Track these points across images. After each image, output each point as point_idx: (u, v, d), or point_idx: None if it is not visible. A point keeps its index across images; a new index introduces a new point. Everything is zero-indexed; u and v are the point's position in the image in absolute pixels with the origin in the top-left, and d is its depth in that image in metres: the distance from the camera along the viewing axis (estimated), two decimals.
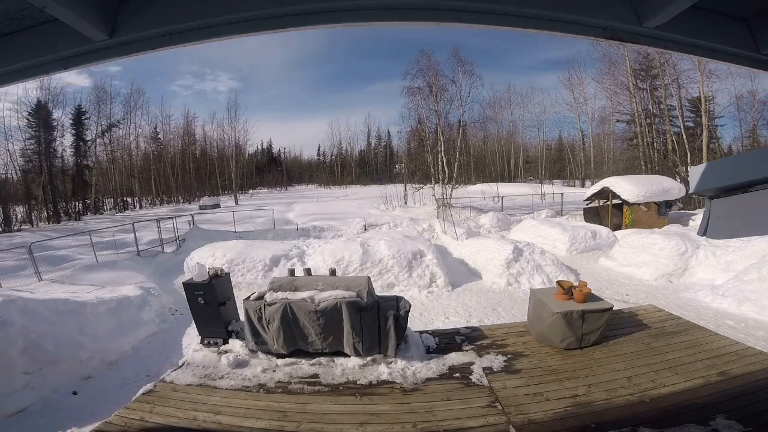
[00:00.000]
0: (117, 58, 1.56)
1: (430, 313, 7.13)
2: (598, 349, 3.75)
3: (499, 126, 49.91)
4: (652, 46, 1.66)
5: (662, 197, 14.79)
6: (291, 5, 1.45)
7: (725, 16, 1.66)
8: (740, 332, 5.42)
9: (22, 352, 4.65)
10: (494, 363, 3.60)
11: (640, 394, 2.98)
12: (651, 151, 26.21)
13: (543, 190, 26.40)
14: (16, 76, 1.60)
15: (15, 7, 1.37)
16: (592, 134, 39.59)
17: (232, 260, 9.19)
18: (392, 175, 50.72)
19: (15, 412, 4.21)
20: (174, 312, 7.46)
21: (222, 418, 2.94)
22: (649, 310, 4.81)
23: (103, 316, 6.11)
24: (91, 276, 8.68)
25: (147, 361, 5.58)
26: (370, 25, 1.61)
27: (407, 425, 2.78)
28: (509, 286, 8.40)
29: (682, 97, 25.46)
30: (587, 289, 3.98)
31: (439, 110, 23.38)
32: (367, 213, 21.74)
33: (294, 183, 69.57)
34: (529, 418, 2.77)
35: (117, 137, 38.89)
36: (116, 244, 12.62)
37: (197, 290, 4.08)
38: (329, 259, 9.02)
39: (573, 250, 11.57)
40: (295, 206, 29.05)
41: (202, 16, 1.46)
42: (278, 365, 3.68)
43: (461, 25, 1.59)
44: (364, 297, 3.60)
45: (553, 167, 44.52)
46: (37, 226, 26.13)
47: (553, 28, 1.57)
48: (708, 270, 8.21)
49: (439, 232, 15.23)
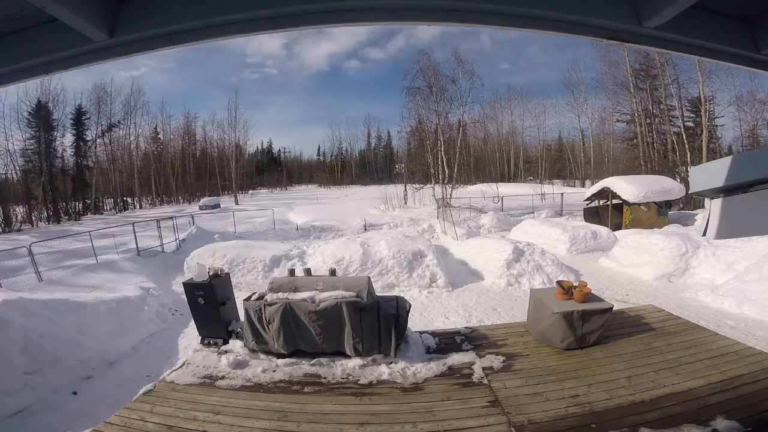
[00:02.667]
0: (117, 58, 1.55)
1: (431, 313, 7.13)
2: (598, 349, 3.74)
3: (499, 126, 50.01)
4: (652, 46, 1.66)
5: (662, 197, 14.80)
6: (291, 5, 1.45)
7: (725, 16, 1.66)
8: (740, 332, 5.42)
9: (22, 352, 4.64)
10: (494, 363, 3.60)
11: (640, 394, 2.97)
12: (651, 151, 26.22)
13: (543, 190, 26.40)
14: (16, 76, 1.60)
15: (15, 7, 1.37)
16: (592, 134, 39.66)
17: (233, 260, 9.19)
18: (392, 175, 50.71)
19: (15, 412, 4.21)
20: (174, 312, 7.46)
21: (222, 418, 2.93)
22: (649, 310, 4.81)
23: (103, 316, 6.11)
24: (91, 276, 8.68)
25: (147, 361, 5.58)
26: (371, 25, 1.61)
27: (407, 425, 2.77)
28: (509, 287, 8.40)
29: (682, 97, 25.50)
30: (587, 289, 3.98)
31: (439, 110, 23.40)
32: (367, 213, 21.73)
33: (294, 183, 69.54)
34: (529, 418, 2.77)
35: (117, 137, 38.96)
36: (116, 245, 12.62)
37: (197, 290, 4.08)
38: (329, 259, 9.03)
39: (573, 250, 11.57)
40: (295, 206, 29.05)
41: (202, 16, 1.46)
42: (278, 365, 3.67)
43: (461, 25, 1.59)
44: (364, 297, 3.59)
45: (553, 167, 44.51)
46: (37, 226, 26.13)
47: (553, 28, 1.57)
48: (708, 270, 8.21)
49: (439, 233, 15.24)
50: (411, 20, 1.56)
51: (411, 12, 1.53)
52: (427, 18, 1.55)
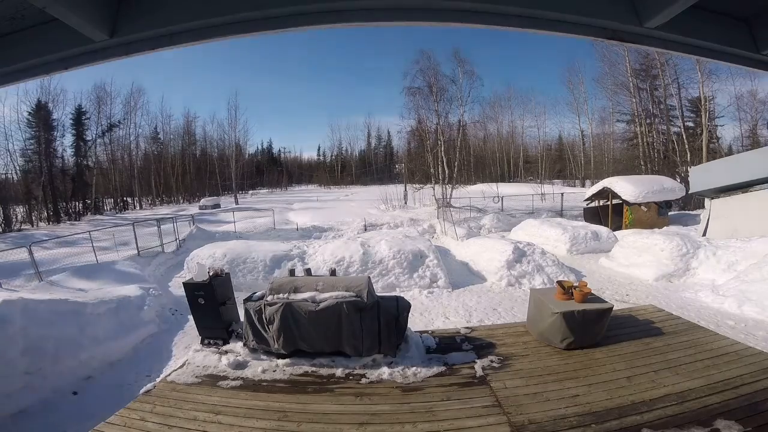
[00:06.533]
0: (117, 58, 1.56)
1: (431, 314, 7.12)
2: (598, 349, 3.74)
3: (499, 126, 49.99)
4: (653, 46, 1.67)
5: (662, 197, 14.79)
6: (291, 5, 1.46)
7: (725, 16, 1.66)
8: (740, 332, 5.41)
9: (22, 353, 4.64)
10: (494, 363, 3.60)
11: (640, 394, 2.97)
12: (651, 151, 26.24)
13: (543, 190, 26.40)
14: (16, 76, 1.60)
15: (15, 7, 1.37)
16: (592, 134, 39.64)
17: (233, 260, 9.17)
18: (392, 175, 50.73)
19: (15, 412, 4.21)
20: (174, 312, 7.46)
21: (222, 418, 2.93)
22: (649, 310, 4.81)
23: (103, 316, 6.10)
24: (91, 276, 8.67)
25: (147, 361, 5.57)
26: (371, 25, 1.61)
27: (407, 425, 2.77)
28: (510, 287, 8.39)
29: (682, 97, 25.52)
30: (587, 289, 3.98)
31: (439, 110, 23.42)
32: (367, 213, 21.72)
33: (294, 183, 69.53)
34: (529, 418, 2.77)
35: (117, 137, 38.92)
36: (116, 245, 12.61)
37: (197, 290, 4.08)
38: (330, 259, 9.02)
39: (573, 250, 11.57)
40: (295, 206, 29.06)
41: (202, 16, 1.46)
42: (278, 365, 3.67)
43: (461, 25, 1.59)
44: (364, 297, 3.59)
45: (553, 167, 44.48)
46: (37, 226, 26.11)
47: (553, 28, 1.57)
48: (708, 270, 8.21)
49: (440, 233, 15.24)
50: (411, 20, 1.57)
51: (411, 12, 1.54)
52: (427, 18, 1.55)
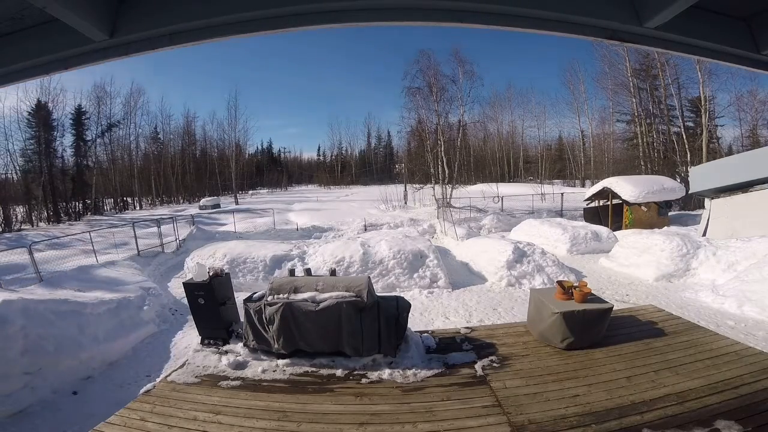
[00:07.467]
0: (117, 58, 1.56)
1: (431, 314, 7.12)
2: (598, 349, 3.74)
3: (499, 126, 50.00)
4: (652, 46, 1.67)
5: (662, 197, 14.79)
6: (291, 5, 1.46)
7: (725, 16, 1.66)
8: (740, 332, 5.41)
9: (22, 353, 4.64)
10: (494, 363, 3.60)
11: (640, 394, 2.97)
12: (651, 151, 26.24)
13: (543, 190, 26.41)
14: (16, 76, 1.60)
15: (15, 7, 1.37)
16: (592, 134, 39.64)
17: (233, 260, 9.17)
18: (392, 175, 50.72)
19: (15, 413, 4.21)
20: (174, 312, 7.46)
21: (222, 418, 2.93)
22: (649, 310, 4.81)
23: (103, 316, 6.10)
24: (91, 276, 8.67)
25: (147, 361, 5.57)
26: (371, 25, 1.61)
27: (407, 425, 2.77)
28: (510, 287, 8.39)
29: (682, 97, 25.53)
30: (587, 289, 3.98)
31: (439, 110, 23.41)
32: (367, 213, 21.73)
33: (294, 183, 69.51)
34: (529, 418, 2.77)
35: (117, 137, 38.92)
36: (116, 244, 12.62)
37: (197, 290, 4.08)
38: (330, 259, 9.02)
39: (573, 250, 11.56)
40: (295, 205, 29.07)
41: (202, 16, 1.46)
42: (278, 365, 3.67)
43: (461, 25, 1.59)
44: (364, 297, 3.59)
45: (553, 167, 44.48)
46: (37, 226, 26.12)
47: (553, 28, 1.57)
48: (709, 270, 8.20)
49: (440, 233, 15.23)
50: (411, 20, 1.57)
51: (411, 12, 1.54)
52: (427, 18, 1.55)
